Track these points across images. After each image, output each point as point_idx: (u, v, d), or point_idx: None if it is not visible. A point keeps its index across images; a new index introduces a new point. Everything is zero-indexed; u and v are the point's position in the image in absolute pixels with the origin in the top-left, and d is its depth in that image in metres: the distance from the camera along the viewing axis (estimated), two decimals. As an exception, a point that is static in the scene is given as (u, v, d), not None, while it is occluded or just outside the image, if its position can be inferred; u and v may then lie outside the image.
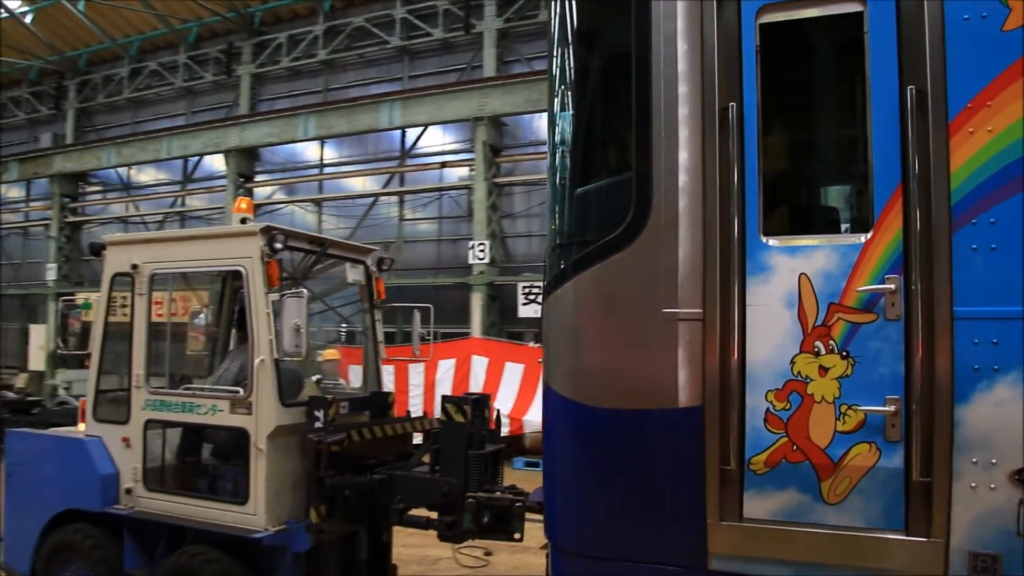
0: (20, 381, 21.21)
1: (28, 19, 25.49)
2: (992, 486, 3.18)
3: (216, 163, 24.03)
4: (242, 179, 22.38)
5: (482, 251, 17.81)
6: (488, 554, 8.15)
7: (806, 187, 3.91)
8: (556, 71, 4.19)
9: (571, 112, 4.10)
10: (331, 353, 9.47)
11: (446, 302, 17.39)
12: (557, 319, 4.06)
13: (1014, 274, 3.16)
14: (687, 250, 3.59)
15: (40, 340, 22.79)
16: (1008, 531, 3.17)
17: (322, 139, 21.68)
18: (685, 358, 3.58)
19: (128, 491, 6.10)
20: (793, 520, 3.47)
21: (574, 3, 4.11)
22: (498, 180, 18.72)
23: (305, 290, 5.49)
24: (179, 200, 25.47)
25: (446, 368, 15.45)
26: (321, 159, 22.74)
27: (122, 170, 26.04)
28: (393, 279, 18.98)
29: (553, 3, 4.21)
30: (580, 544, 3.94)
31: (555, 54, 4.19)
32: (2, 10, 25.06)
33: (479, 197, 18.21)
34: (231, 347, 7.06)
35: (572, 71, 4.17)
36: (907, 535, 3.32)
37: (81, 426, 6.60)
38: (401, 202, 21.21)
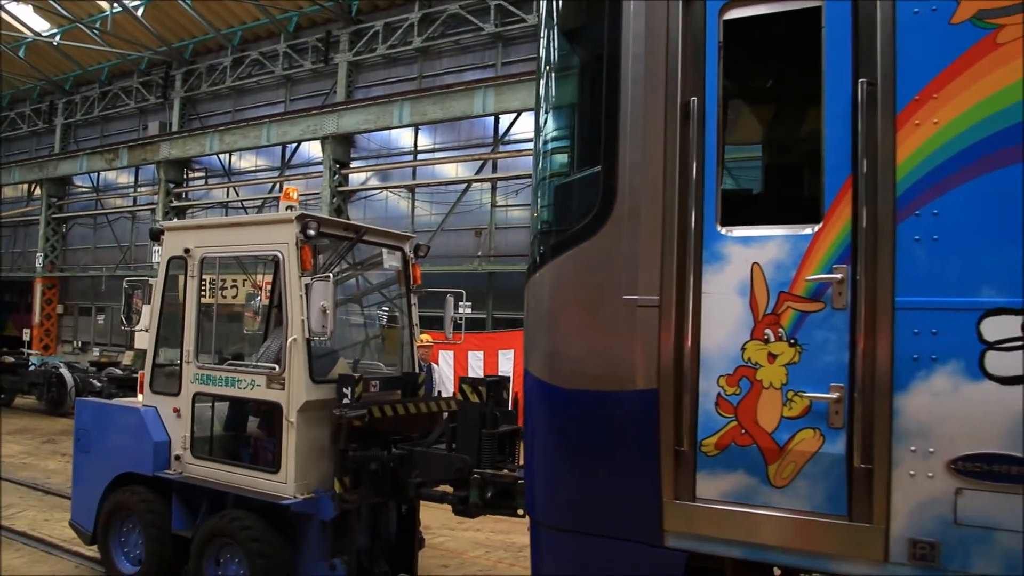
0: (126, 359, 22.59)
1: (140, 12, 27.05)
2: (930, 475, 3.27)
3: (313, 149, 24.87)
4: (337, 165, 23.12)
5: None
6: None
7: (762, 179, 4.01)
8: (540, 70, 4.43)
9: (552, 108, 4.33)
10: (425, 338, 9.98)
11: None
12: (534, 304, 4.33)
13: (955, 265, 3.24)
14: (647, 239, 3.79)
15: (145, 321, 24.25)
16: (946, 519, 3.26)
17: (416, 126, 22.13)
18: (642, 343, 3.78)
19: (177, 457, 6.72)
20: (742, 502, 3.64)
21: (556, 4, 4.35)
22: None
23: (331, 275, 5.88)
24: (277, 186, 26.51)
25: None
26: (415, 146, 23.24)
27: (224, 156, 27.13)
28: (485, 266, 19.47)
29: (541, 4, 4.46)
30: (554, 518, 4.20)
31: (540, 54, 4.43)
32: (115, 3, 26.69)
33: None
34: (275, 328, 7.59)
35: (553, 70, 4.40)
36: (850, 520, 3.44)
37: (140, 397, 7.28)
38: (493, 188, 21.52)
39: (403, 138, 23.64)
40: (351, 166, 23.93)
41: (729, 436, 3.65)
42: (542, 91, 4.40)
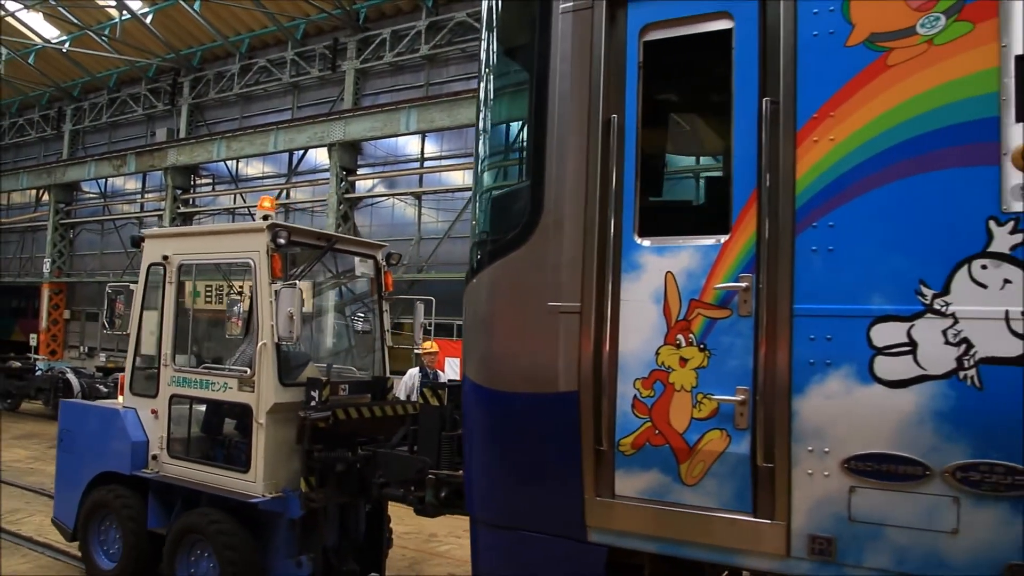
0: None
1: (148, 19, 27.57)
2: (826, 473, 3.50)
3: (320, 156, 25.23)
4: (344, 172, 23.43)
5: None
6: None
7: (678, 191, 4.25)
8: (480, 87, 4.70)
9: (489, 124, 4.60)
10: (429, 345, 10.22)
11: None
12: (469, 310, 4.59)
13: (848, 274, 3.47)
14: (570, 249, 4.04)
15: (151, 325, 24.69)
16: (841, 516, 3.48)
17: (423, 133, 22.43)
18: (564, 347, 4.03)
19: (154, 457, 7.01)
20: (656, 499, 3.88)
21: (493, 25, 4.62)
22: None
23: (297, 282, 6.15)
24: (284, 192, 26.92)
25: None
26: (422, 153, 23.52)
27: (231, 163, 27.55)
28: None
29: (482, 28, 4.73)
30: (488, 515, 4.45)
31: (480, 72, 4.69)
32: (124, 11, 27.23)
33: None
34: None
35: (490, 87, 4.66)
36: (755, 517, 3.67)
37: (120, 398, 7.58)
38: (499, 196, 21.77)
39: (410, 145, 23.91)
40: (358, 173, 24.23)
41: (644, 436, 3.88)
42: (481, 108, 4.66)
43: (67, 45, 29.89)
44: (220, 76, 28.68)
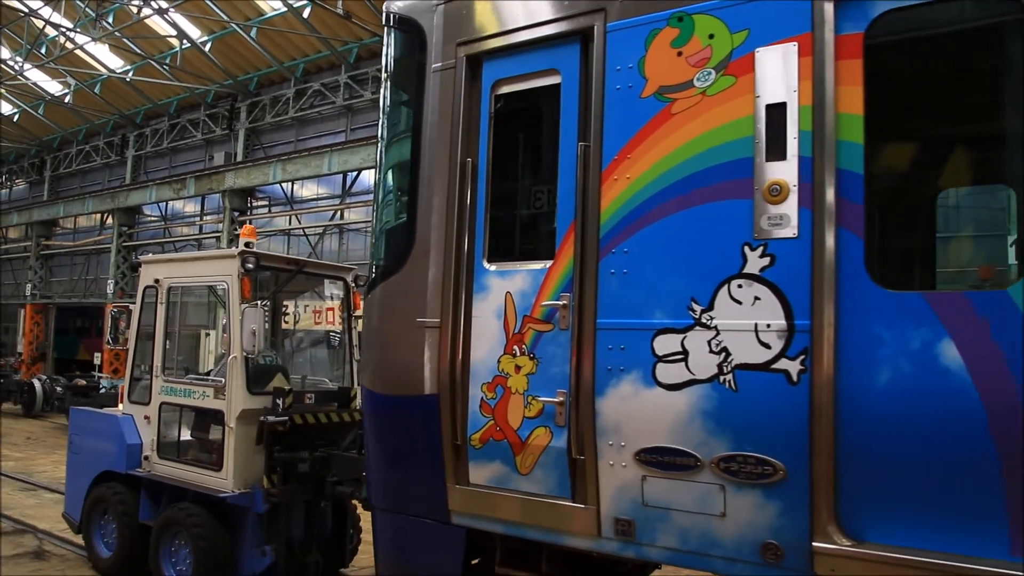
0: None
1: (207, 47, 29.29)
2: (624, 464, 4.18)
3: (373, 177, 26.24)
4: (398, 193, 24.29)
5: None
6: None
7: (519, 223, 4.98)
8: (378, 138, 5.53)
9: (383, 168, 5.42)
10: None
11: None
12: (364, 324, 5.39)
13: (637, 293, 4.16)
14: (434, 273, 4.82)
15: (211, 345, 26.13)
16: (637, 501, 4.15)
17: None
18: (428, 357, 4.80)
19: (146, 458, 8.02)
20: (499, 486, 4.61)
21: (386, 85, 5.45)
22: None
23: (259, 302, 7.08)
24: (338, 213, 27.92)
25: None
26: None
27: (286, 185, 28.75)
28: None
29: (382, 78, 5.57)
30: (380, 502, 5.24)
31: (379, 123, 5.52)
32: (184, 40, 28.99)
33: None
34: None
35: (383, 137, 5.47)
36: (573, 502, 4.36)
37: (120, 406, 8.64)
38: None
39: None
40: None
41: (488, 432, 4.62)
42: (378, 154, 5.49)
43: (131, 74, 31.92)
44: (276, 100, 29.91)
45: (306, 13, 25.94)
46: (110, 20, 29.02)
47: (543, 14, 4.64)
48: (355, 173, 26.51)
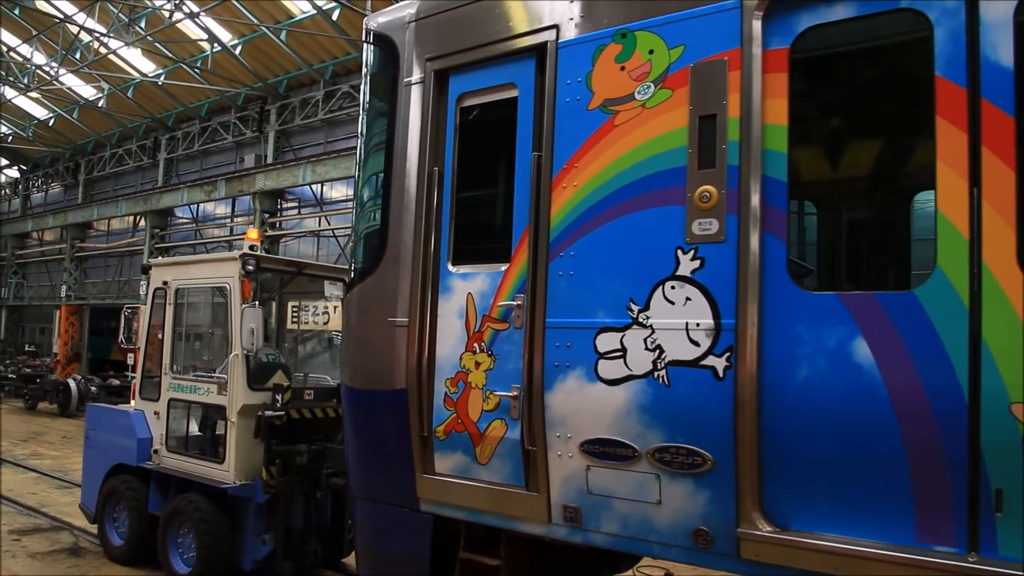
0: (220, 381, 25.35)
1: (238, 51, 29.98)
2: (570, 455, 4.49)
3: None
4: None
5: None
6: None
7: (479, 229, 5.32)
8: (357, 148, 5.90)
9: (361, 176, 5.79)
10: None
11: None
12: (343, 322, 5.77)
13: (582, 293, 4.47)
14: (403, 275, 5.18)
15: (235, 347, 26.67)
16: (583, 490, 4.47)
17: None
18: (398, 353, 5.16)
19: (156, 451, 8.49)
20: (461, 475, 4.96)
21: (364, 97, 5.82)
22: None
23: (258, 302, 7.50)
24: (369, 214, 28.22)
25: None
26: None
27: (315, 187, 29.15)
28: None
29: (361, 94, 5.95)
30: (358, 490, 5.60)
31: (358, 134, 5.88)
32: (215, 44, 29.71)
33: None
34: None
35: (361, 149, 5.83)
36: (526, 490, 4.69)
37: (132, 402, 9.13)
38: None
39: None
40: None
41: (451, 425, 4.97)
42: (356, 163, 5.86)
43: (162, 78, 32.79)
44: (305, 103, 30.44)
45: (335, 15, 26.44)
46: (142, 25, 29.84)
47: (503, 31, 4.97)
48: (383, 175, 26.88)
